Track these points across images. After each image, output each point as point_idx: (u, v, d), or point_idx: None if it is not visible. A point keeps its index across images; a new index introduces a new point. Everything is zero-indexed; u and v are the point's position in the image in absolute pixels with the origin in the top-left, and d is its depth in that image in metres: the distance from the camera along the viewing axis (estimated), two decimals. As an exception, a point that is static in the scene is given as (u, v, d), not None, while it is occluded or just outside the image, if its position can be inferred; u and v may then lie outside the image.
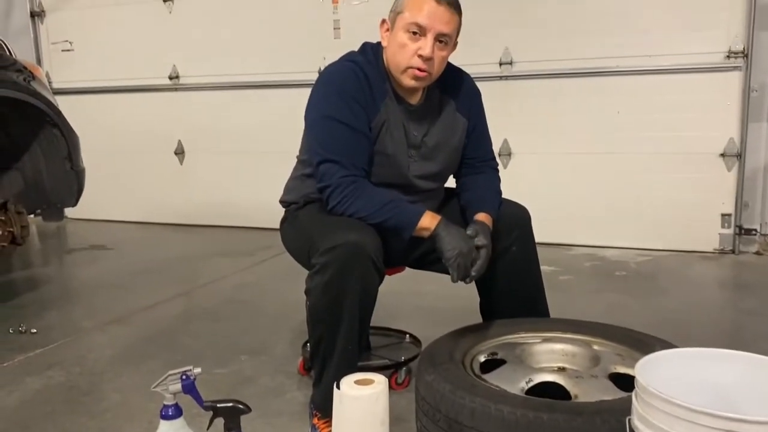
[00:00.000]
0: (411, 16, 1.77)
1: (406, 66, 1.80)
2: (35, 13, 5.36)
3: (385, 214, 1.74)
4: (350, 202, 1.75)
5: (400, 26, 1.79)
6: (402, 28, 1.79)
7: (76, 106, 4.63)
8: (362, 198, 1.76)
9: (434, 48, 1.77)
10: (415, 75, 1.81)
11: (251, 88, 4.81)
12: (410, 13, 1.77)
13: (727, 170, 3.84)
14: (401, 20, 1.79)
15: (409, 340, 2.41)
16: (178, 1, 4.93)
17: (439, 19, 1.76)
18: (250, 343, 2.62)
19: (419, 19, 1.76)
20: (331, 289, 1.67)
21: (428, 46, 1.76)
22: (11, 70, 3.03)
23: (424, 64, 1.78)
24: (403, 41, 1.79)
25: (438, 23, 1.76)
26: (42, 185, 3.33)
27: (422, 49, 1.77)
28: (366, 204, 1.75)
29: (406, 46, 1.78)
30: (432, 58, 1.78)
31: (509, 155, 4.24)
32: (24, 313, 3.10)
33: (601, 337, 1.80)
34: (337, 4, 4.50)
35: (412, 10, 1.77)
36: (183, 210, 5.14)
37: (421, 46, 1.77)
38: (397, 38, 1.80)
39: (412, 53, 1.78)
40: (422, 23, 1.76)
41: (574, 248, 4.10)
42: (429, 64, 1.79)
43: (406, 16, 1.78)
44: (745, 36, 3.69)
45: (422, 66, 1.78)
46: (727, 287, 3.52)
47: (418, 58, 1.78)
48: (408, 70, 1.80)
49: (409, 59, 1.79)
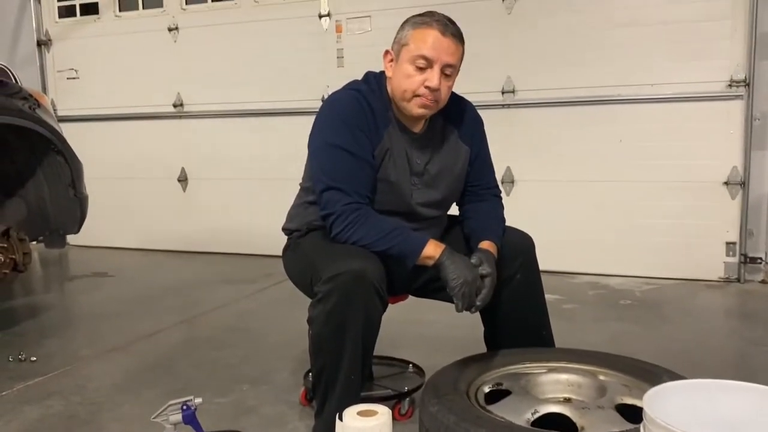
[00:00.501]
0: (416, 49, 1.78)
1: (412, 95, 1.81)
2: (42, 42, 5.42)
3: (389, 242, 1.73)
4: (353, 230, 1.74)
5: (405, 58, 1.81)
6: (407, 60, 1.80)
7: (81, 134, 4.66)
8: (365, 226, 1.75)
9: (441, 79, 1.78)
10: (423, 103, 1.82)
11: (255, 115, 4.84)
12: (415, 45, 1.78)
13: (731, 198, 3.83)
14: (406, 52, 1.80)
15: (413, 370, 2.38)
16: (183, 29, 4.99)
17: (445, 50, 1.78)
18: (252, 372, 2.59)
19: (425, 52, 1.77)
20: (333, 317, 1.66)
21: (435, 78, 1.78)
22: (17, 97, 3.05)
23: (431, 94, 1.79)
24: (409, 72, 1.80)
25: (444, 55, 1.77)
26: (45, 212, 3.33)
27: (429, 81, 1.78)
28: (369, 231, 1.74)
29: (413, 77, 1.79)
30: (439, 89, 1.79)
31: (512, 183, 4.24)
32: (24, 340, 3.07)
33: (608, 367, 1.77)
34: (341, 33, 4.55)
35: (418, 42, 1.78)
36: (185, 237, 5.14)
37: (428, 77, 1.78)
38: (403, 69, 1.81)
39: (419, 84, 1.79)
40: (428, 55, 1.77)
41: (578, 276, 4.07)
42: (436, 95, 1.80)
43: (411, 48, 1.79)
44: (746, 65, 3.71)
45: (429, 96, 1.80)
46: (733, 316, 3.49)
47: (426, 89, 1.79)
48: (415, 99, 1.82)
49: (416, 89, 1.80)
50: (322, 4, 4.57)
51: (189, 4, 5.00)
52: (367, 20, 4.46)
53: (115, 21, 5.22)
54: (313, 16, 4.58)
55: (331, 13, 4.56)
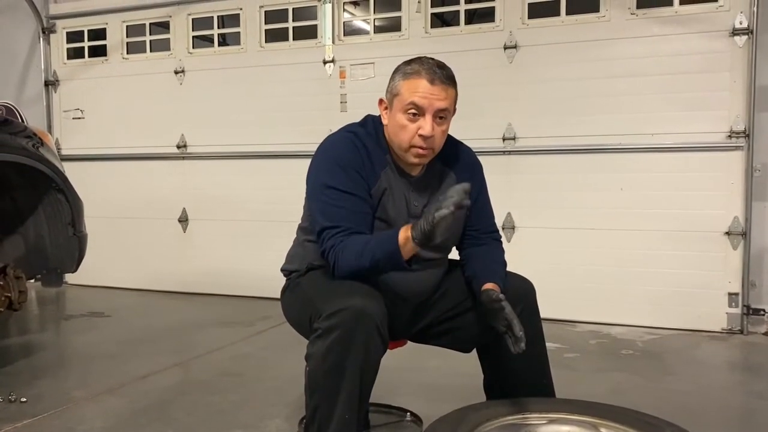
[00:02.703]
0: (407, 98, 1.80)
1: (408, 146, 1.83)
2: (49, 82, 5.50)
3: (370, 252, 1.72)
4: (341, 254, 1.74)
5: (397, 108, 1.83)
6: (400, 110, 1.82)
7: (84, 173, 4.70)
8: (348, 247, 1.75)
9: (434, 125, 1.80)
10: (418, 153, 1.84)
11: (257, 158, 4.87)
12: (406, 94, 1.80)
13: (733, 249, 3.82)
14: (398, 102, 1.82)
15: (410, 419, 2.34)
16: (189, 72, 5.06)
17: (436, 96, 1.79)
18: (245, 419, 2.54)
19: (416, 100, 1.79)
20: (332, 353, 1.63)
21: (428, 126, 1.79)
22: (21, 135, 3.07)
23: (425, 142, 1.81)
24: (402, 122, 1.82)
25: (435, 101, 1.79)
26: (43, 250, 3.32)
27: (422, 129, 1.79)
28: (352, 250, 1.74)
29: (406, 127, 1.81)
30: (433, 136, 1.80)
31: (513, 229, 4.24)
32: (16, 380, 3.02)
33: (609, 419, 1.74)
34: (344, 79, 4.61)
35: (408, 92, 1.80)
36: (184, 278, 5.11)
37: (421, 125, 1.80)
38: (397, 119, 1.83)
39: (413, 133, 1.81)
40: (419, 104, 1.79)
41: (579, 325, 4.03)
42: (430, 141, 1.82)
43: (403, 98, 1.81)
44: (746, 116, 3.74)
45: (423, 144, 1.81)
46: (737, 369, 3.43)
47: (419, 138, 1.80)
48: (411, 149, 1.83)
49: (410, 139, 1.81)
50: (327, 50, 4.64)
51: (196, 48, 5.09)
52: (370, 67, 4.52)
53: (123, 63, 5.30)
54: (318, 62, 4.65)
55: (335, 59, 4.63)
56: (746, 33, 3.71)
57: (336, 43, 4.64)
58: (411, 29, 4.43)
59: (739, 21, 3.72)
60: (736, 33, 3.73)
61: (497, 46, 4.22)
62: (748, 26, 3.71)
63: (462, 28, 4.37)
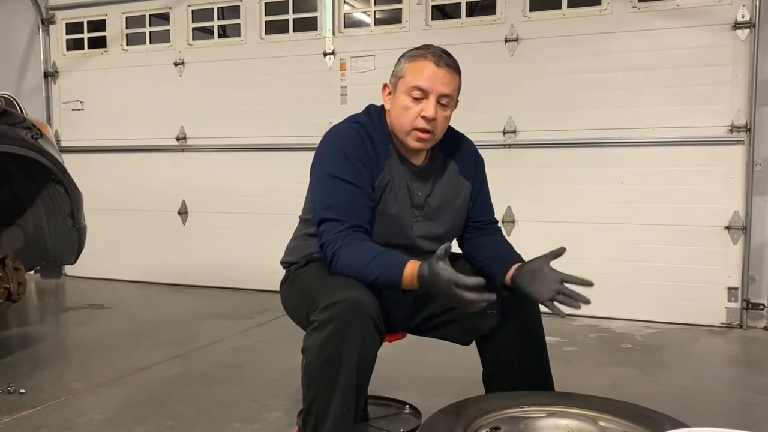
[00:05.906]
0: (412, 80, 1.81)
1: (410, 128, 1.83)
2: (49, 74, 5.48)
3: (372, 271, 1.69)
4: (341, 253, 1.73)
5: (402, 90, 1.83)
6: (404, 92, 1.83)
7: (83, 164, 4.68)
8: (351, 252, 1.72)
9: (437, 109, 1.80)
10: (419, 137, 1.84)
11: (257, 150, 4.86)
12: (411, 76, 1.81)
13: (733, 243, 3.81)
14: (403, 84, 1.83)
15: (409, 411, 2.34)
16: (189, 64, 5.05)
17: (440, 80, 1.80)
18: (244, 411, 2.54)
19: (420, 83, 1.80)
20: (329, 346, 1.63)
21: (431, 108, 1.80)
22: (20, 127, 3.07)
23: (427, 125, 1.81)
24: (405, 104, 1.82)
25: (439, 85, 1.80)
26: (43, 242, 3.32)
27: (425, 111, 1.80)
28: (355, 258, 1.71)
29: (410, 109, 1.82)
30: (435, 119, 1.81)
31: (513, 222, 4.23)
32: (15, 372, 3.02)
33: (608, 413, 1.73)
34: (345, 71, 4.60)
35: (413, 74, 1.81)
36: (183, 270, 5.11)
37: (424, 107, 1.80)
38: (400, 101, 1.84)
39: (416, 115, 1.81)
40: (423, 86, 1.79)
41: (579, 319, 4.03)
42: (432, 125, 1.82)
43: (407, 80, 1.82)
44: (747, 111, 3.73)
45: (426, 127, 1.81)
46: (736, 363, 3.43)
47: (422, 120, 1.81)
48: (412, 132, 1.83)
49: (413, 121, 1.82)
50: (327, 42, 4.63)
51: (195, 40, 5.07)
52: (370, 59, 4.51)
53: (122, 55, 5.28)
54: (318, 54, 4.64)
55: (335, 52, 4.61)
56: (748, 27, 3.70)
57: (336, 35, 4.62)
58: (412, 21, 4.42)
59: (741, 14, 3.71)
60: (738, 27, 3.72)
61: (498, 38, 4.20)
62: (750, 20, 3.69)
63: (463, 21, 4.36)
